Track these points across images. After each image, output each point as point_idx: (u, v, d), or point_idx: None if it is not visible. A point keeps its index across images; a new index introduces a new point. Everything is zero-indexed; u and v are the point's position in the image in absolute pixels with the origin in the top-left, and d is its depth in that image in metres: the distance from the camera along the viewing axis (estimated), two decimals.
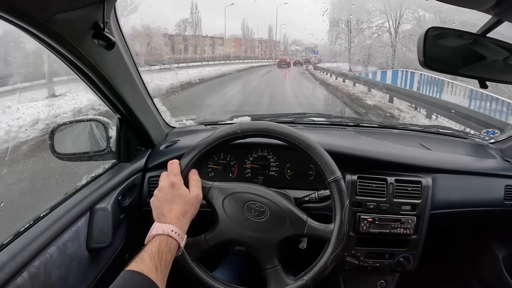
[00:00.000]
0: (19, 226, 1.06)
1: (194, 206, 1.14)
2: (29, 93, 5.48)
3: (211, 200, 1.23)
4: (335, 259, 1.18)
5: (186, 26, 32.79)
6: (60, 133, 1.48)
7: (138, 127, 1.48)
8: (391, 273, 1.71)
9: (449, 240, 2.12)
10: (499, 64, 1.02)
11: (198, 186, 1.19)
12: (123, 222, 1.45)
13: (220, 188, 1.24)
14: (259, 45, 42.02)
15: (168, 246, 1.00)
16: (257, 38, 41.10)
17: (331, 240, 1.18)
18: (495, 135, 2.08)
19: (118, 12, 1.14)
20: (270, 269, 1.20)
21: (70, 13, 0.87)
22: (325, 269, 1.17)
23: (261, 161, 1.59)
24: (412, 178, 1.57)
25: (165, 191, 1.12)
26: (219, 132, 1.25)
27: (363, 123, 2.20)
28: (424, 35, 0.96)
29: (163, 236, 1.01)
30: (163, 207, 1.10)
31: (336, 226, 1.18)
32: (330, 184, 1.21)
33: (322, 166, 1.21)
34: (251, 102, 11.93)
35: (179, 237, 1.04)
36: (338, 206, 1.20)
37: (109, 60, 1.14)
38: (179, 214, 1.08)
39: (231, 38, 39.19)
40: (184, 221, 1.09)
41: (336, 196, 1.20)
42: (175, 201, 1.10)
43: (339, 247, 1.18)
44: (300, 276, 1.19)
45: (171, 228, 1.03)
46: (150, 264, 0.91)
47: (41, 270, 1.00)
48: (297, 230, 1.21)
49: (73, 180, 1.40)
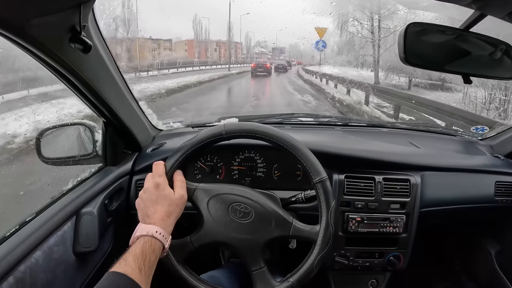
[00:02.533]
0: (4, 231, 1.05)
1: (178, 206, 1.14)
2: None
3: (196, 202, 1.23)
4: (321, 261, 1.17)
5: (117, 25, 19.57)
6: (47, 138, 1.47)
7: (124, 130, 1.47)
8: (382, 272, 1.71)
9: (440, 238, 2.13)
10: (484, 59, 1.03)
11: (183, 187, 1.18)
12: (111, 226, 1.45)
13: (205, 189, 1.24)
14: (217, 48, 36.38)
15: (152, 247, 1.00)
16: (215, 40, 35.46)
17: (317, 242, 1.17)
18: (484, 132, 2.09)
19: (97, 15, 1.13)
20: (256, 271, 1.20)
21: (46, 18, 0.86)
22: (311, 271, 1.16)
23: (248, 162, 1.59)
24: (401, 176, 1.57)
25: (150, 192, 1.12)
26: (204, 133, 1.25)
27: (351, 123, 2.20)
28: (404, 31, 0.96)
29: (147, 237, 1.01)
30: (148, 208, 1.10)
31: (322, 227, 1.18)
32: (315, 185, 1.20)
33: (307, 167, 1.21)
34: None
35: (163, 238, 1.04)
36: (324, 207, 1.19)
37: (89, 64, 1.13)
38: (163, 215, 1.08)
39: (181, 41, 33.51)
40: (168, 221, 1.09)
41: (322, 197, 1.20)
42: (159, 202, 1.10)
43: (325, 249, 1.17)
44: (286, 278, 1.18)
45: (155, 229, 1.03)
46: (133, 266, 0.91)
47: (27, 275, 0.99)
48: (283, 231, 1.20)
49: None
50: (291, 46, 36.46)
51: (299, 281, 1.16)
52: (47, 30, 0.89)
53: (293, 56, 35.59)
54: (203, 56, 34.05)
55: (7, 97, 5.93)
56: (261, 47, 37.42)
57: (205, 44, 34.66)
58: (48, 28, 0.89)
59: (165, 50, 30.67)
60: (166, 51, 30.80)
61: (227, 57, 35.10)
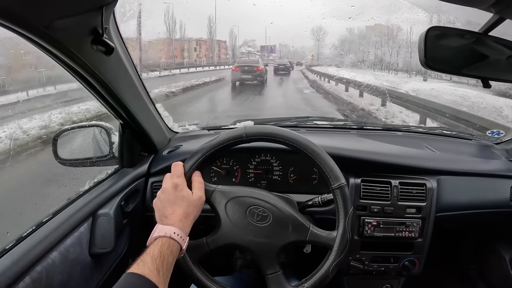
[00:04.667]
0: (21, 231, 1.06)
1: (196, 208, 1.13)
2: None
3: (213, 203, 1.23)
4: (337, 267, 1.17)
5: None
6: (63, 139, 1.49)
7: (141, 132, 1.48)
8: (396, 277, 1.69)
9: (455, 243, 2.11)
10: (502, 63, 1.01)
11: (201, 188, 1.18)
12: (126, 228, 1.45)
13: (223, 191, 1.24)
14: (197, 47, 30.69)
15: (170, 249, 1.00)
16: (196, 38, 29.99)
17: (333, 248, 1.17)
18: (499, 136, 2.06)
19: (117, 17, 1.14)
20: (271, 275, 1.19)
21: (68, 20, 0.87)
22: (326, 277, 1.16)
23: (264, 165, 1.58)
24: (417, 180, 1.56)
25: (168, 192, 1.12)
26: (224, 135, 1.25)
27: (366, 126, 2.19)
28: (425, 35, 0.95)
29: (165, 238, 1.01)
30: (166, 208, 1.10)
31: (339, 233, 1.18)
32: (334, 190, 1.20)
33: (326, 172, 1.21)
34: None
35: (181, 239, 1.04)
36: (341, 213, 1.19)
37: (109, 65, 1.15)
38: (181, 216, 1.08)
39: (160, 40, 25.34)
40: (186, 223, 1.08)
41: (340, 203, 1.19)
42: (177, 203, 1.10)
43: (342, 255, 1.17)
44: (301, 283, 1.18)
45: (173, 230, 1.03)
46: (152, 267, 0.91)
47: (43, 275, 1.00)
48: (300, 236, 1.20)
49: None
50: (281, 46, 33.88)
51: (313, 287, 1.16)
52: (70, 31, 0.90)
53: (284, 56, 32.82)
54: (179, 57, 29.11)
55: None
56: (249, 46, 33.47)
57: (181, 43, 29.30)
58: (70, 30, 0.90)
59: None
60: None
61: (209, 57, 31.03)
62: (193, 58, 30.28)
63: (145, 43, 12.47)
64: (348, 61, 20.45)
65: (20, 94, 5.50)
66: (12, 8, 0.73)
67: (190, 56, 30.30)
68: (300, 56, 30.13)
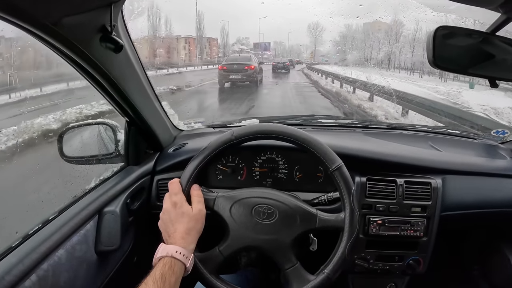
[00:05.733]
0: (27, 229, 1.07)
1: (199, 222, 1.15)
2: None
3: (218, 211, 1.23)
4: (351, 247, 1.18)
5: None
6: (69, 137, 1.49)
7: (147, 130, 1.49)
8: (401, 276, 1.69)
9: (460, 242, 2.10)
10: (509, 63, 1.01)
11: (200, 202, 1.20)
12: (132, 225, 1.45)
13: (225, 197, 1.25)
14: (186, 45, 29.13)
15: (172, 269, 1.01)
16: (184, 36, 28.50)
17: (344, 228, 1.18)
18: (505, 135, 2.05)
19: (125, 15, 1.14)
20: (290, 268, 1.20)
21: (77, 17, 0.87)
22: (344, 258, 1.17)
23: (270, 163, 1.58)
24: (422, 179, 1.56)
25: (168, 212, 1.14)
26: (214, 142, 1.27)
27: (371, 125, 2.19)
28: (433, 34, 0.95)
29: (167, 258, 1.03)
30: (169, 228, 1.12)
31: (347, 213, 1.19)
32: (333, 173, 1.21)
33: (321, 156, 1.22)
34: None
35: (184, 257, 1.05)
36: (345, 193, 1.20)
37: (117, 63, 1.15)
38: (183, 233, 1.10)
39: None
40: (189, 239, 1.10)
41: (342, 184, 1.21)
42: (178, 220, 1.12)
43: (354, 234, 1.18)
44: (321, 270, 1.19)
45: (175, 249, 1.05)
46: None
47: (49, 273, 1.00)
48: (309, 225, 1.21)
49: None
50: (276, 43, 33.57)
51: (334, 271, 1.17)
52: (78, 29, 0.91)
53: (279, 54, 32.76)
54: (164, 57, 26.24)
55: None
56: (242, 44, 34.14)
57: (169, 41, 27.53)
58: (79, 27, 0.90)
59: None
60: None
61: (198, 56, 29.16)
62: (181, 57, 28.28)
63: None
64: (353, 59, 19.54)
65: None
66: (20, 4, 0.73)
67: (177, 55, 28.70)
68: (296, 54, 29.49)
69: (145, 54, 18.94)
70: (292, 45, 30.91)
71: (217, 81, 15.26)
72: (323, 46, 26.55)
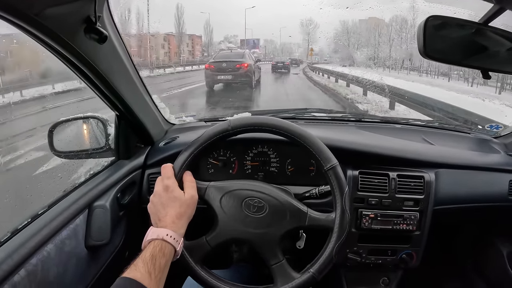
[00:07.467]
0: (16, 224, 1.05)
1: (190, 207, 1.14)
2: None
3: (208, 200, 1.23)
4: (339, 249, 1.17)
5: None
6: (59, 131, 1.48)
7: (137, 124, 1.48)
8: (394, 270, 1.69)
9: (453, 236, 2.11)
10: (502, 54, 1.01)
11: (193, 187, 1.19)
12: (123, 220, 1.45)
13: (216, 187, 1.24)
14: (166, 42, 26.71)
15: (163, 251, 1.00)
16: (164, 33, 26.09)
17: (334, 229, 1.17)
18: (498, 130, 2.06)
19: (111, 6, 1.12)
20: (275, 265, 1.19)
21: (61, 7, 0.86)
22: (330, 260, 1.16)
23: (262, 157, 1.57)
24: (415, 173, 1.55)
25: (159, 195, 1.13)
26: (210, 131, 1.25)
27: (364, 118, 2.19)
28: (424, 24, 0.94)
29: (157, 240, 1.02)
30: (159, 211, 1.11)
31: (337, 214, 1.18)
32: (327, 172, 1.20)
33: (317, 154, 1.21)
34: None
35: (174, 241, 1.04)
36: (337, 193, 1.19)
37: (103, 55, 1.13)
38: (174, 217, 1.09)
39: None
40: (179, 224, 1.09)
41: (335, 184, 1.19)
42: (170, 204, 1.11)
43: (343, 236, 1.17)
44: (306, 269, 1.18)
45: (166, 232, 1.04)
46: (143, 270, 0.92)
47: (38, 267, 0.99)
48: (299, 222, 1.20)
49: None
50: (267, 41, 32.98)
51: (319, 271, 1.16)
52: (62, 20, 0.89)
53: (269, 52, 32.10)
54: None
55: None
56: (230, 42, 32.60)
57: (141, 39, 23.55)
58: (63, 18, 0.89)
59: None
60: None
61: (178, 55, 26.33)
62: (159, 56, 25.53)
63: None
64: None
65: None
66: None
67: (155, 54, 26.08)
68: (288, 53, 29.12)
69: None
70: (285, 42, 30.45)
71: (204, 83, 13.22)
72: (317, 44, 26.06)
